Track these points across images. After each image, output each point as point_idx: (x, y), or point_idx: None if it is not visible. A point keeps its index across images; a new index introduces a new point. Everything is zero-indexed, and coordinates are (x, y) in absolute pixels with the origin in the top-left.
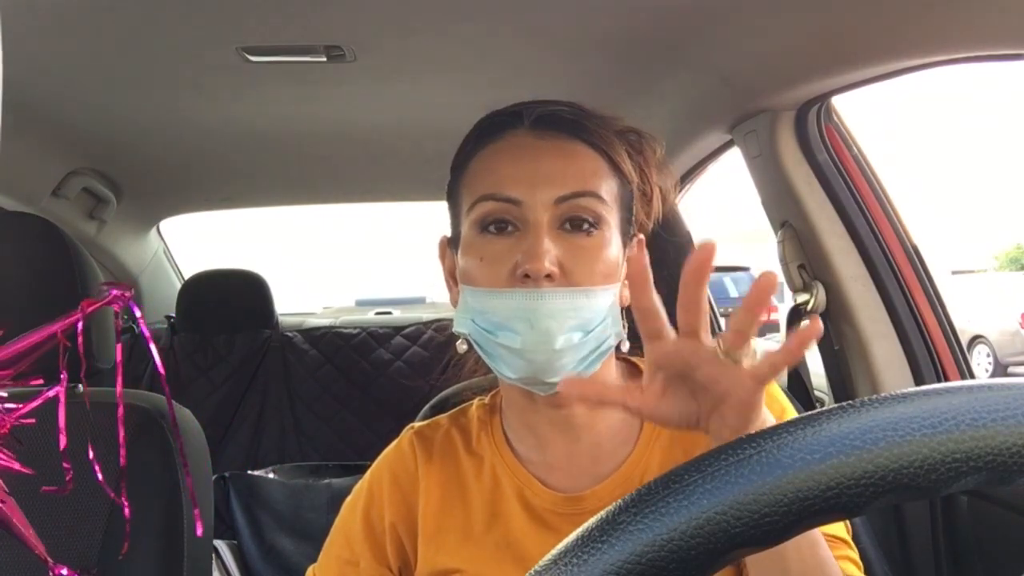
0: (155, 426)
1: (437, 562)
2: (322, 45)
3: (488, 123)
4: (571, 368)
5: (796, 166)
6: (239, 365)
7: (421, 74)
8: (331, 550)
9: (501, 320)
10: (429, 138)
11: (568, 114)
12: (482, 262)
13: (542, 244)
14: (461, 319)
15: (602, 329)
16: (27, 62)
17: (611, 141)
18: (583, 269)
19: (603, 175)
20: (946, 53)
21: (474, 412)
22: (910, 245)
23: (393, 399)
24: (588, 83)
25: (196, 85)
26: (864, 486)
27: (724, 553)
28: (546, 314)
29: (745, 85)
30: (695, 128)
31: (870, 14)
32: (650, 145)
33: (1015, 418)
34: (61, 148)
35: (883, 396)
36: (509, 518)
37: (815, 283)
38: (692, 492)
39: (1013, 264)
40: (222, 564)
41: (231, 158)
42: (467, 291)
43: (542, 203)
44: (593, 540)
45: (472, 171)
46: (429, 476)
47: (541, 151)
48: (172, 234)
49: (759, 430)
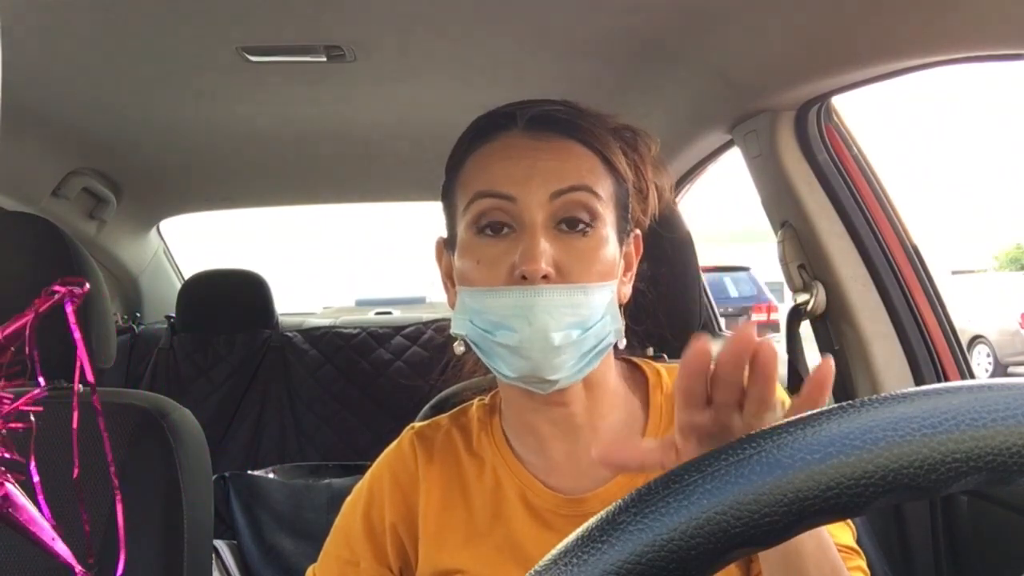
0: (155, 426)
1: (438, 562)
2: (322, 45)
3: (482, 124)
4: (570, 365)
5: (796, 166)
6: (239, 365)
7: (421, 74)
8: (331, 550)
9: (499, 319)
10: (429, 138)
11: (562, 113)
12: (479, 264)
13: (538, 245)
14: (459, 320)
15: (601, 326)
16: (27, 62)
17: (605, 139)
18: (580, 269)
19: (598, 173)
20: (946, 53)
21: (474, 412)
22: (910, 245)
23: (393, 399)
24: (588, 83)
25: (196, 85)
26: (864, 486)
27: (724, 553)
28: (543, 311)
29: (745, 85)
30: (695, 128)
31: (870, 14)
32: (645, 142)
33: (1015, 418)
34: (61, 148)
35: (883, 396)
36: (510, 519)
37: (815, 283)
38: (692, 492)
39: (1013, 264)
40: (222, 564)
41: (231, 158)
42: (464, 292)
43: (537, 200)
44: (593, 540)
45: (467, 171)
46: (430, 476)
47: (535, 150)
48: (172, 234)
49: (759, 430)
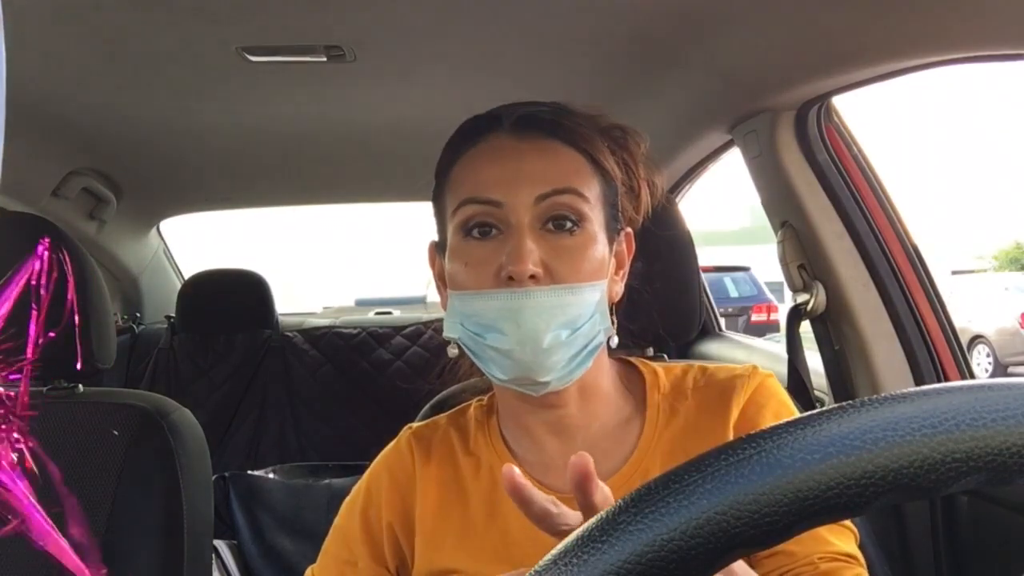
0: (155, 426)
1: (435, 561)
2: (322, 45)
3: (469, 127)
4: (562, 366)
5: (796, 166)
6: (239, 365)
7: (421, 74)
8: (330, 550)
9: (488, 322)
10: (429, 138)
11: (548, 114)
12: (467, 267)
13: (525, 246)
14: (450, 323)
15: (590, 326)
16: (27, 62)
17: (592, 139)
18: (568, 268)
19: (584, 173)
20: (946, 53)
21: (472, 413)
22: (910, 245)
23: (393, 399)
24: (588, 83)
25: (196, 85)
26: (864, 486)
27: (724, 553)
28: (532, 313)
29: (745, 85)
30: (695, 128)
31: (870, 14)
32: (635, 140)
33: (1015, 418)
34: (61, 148)
35: (883, 396)
36: (508, 519)
37: (815, 283)
38: (692, 492)
39: (1013, 264)
40: (222, 564)
41: (231, 158)
42: (454, 295)
43: (523, 203)
44: (593, 540)
45: (454, 176)
46: (427, 476)
47: (521, 152)
48: (172, 234)
49: (758, 429)
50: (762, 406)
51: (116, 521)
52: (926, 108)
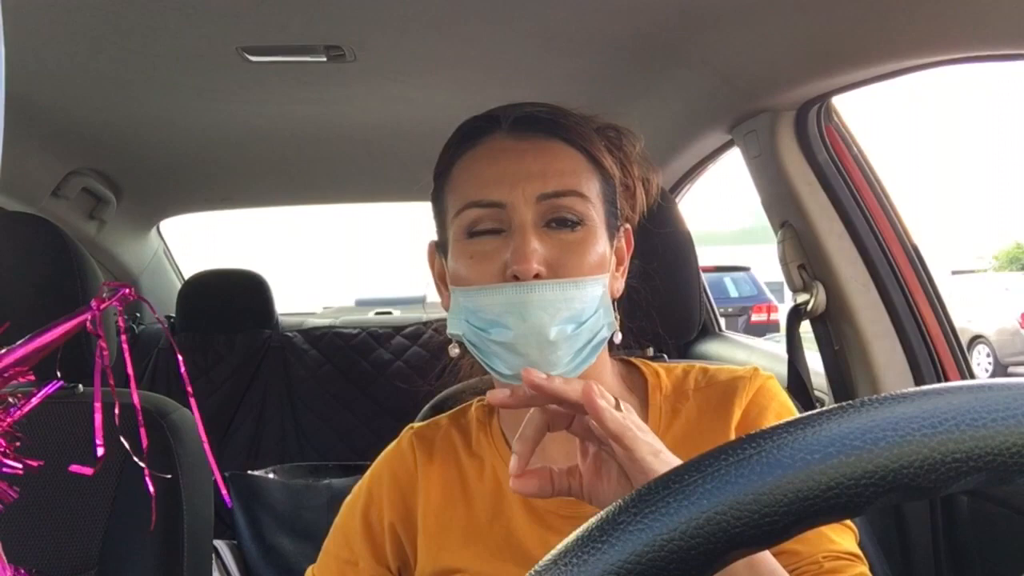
0: (155, 426)
1: (438, 561)
2: (322, 45)
3: (467, 128)
4: (566, 361)
5: (796, 166)
6: (239, 365)
7: (421, 74)
8: (330, 550)
9: (493, 316)
10: (429, 138)
11: (545, 114)
12: (472, 261)
13: (529, 244)
14: (454, 321)
15: (594, 320)
16: (27, 62)
17: (590, 138)
18: (571, 264)
19: (584, 172)
20: (946, 53)
21: (473, 413)
22: (910, 245)
23: (393, 399)
24: (588, 83)
25: (196, 85)
26: (864, 486)
27: (724, 553)
28: (537, 306)
29: (745, 85)
30: (695, 128)
31: (870, 14)
32: (629, 140)
33: (1015, 418)
34: (61, 148)
35: (883, 396)
36: (511, 519)
37: (815, 283)
38: (692, 492)
39: (1013, 264)
40: (222, 564)
41: (231, 158)
42: (458, 292)
43: (525, 202)
44: (593, 540)
45: (454, 178)
46: (429, 476)
47: (521, 152)
48: (172, 234)
49: (759, 430)
50: (764, 408)
51: (116, 521)
52: (926, 108)
